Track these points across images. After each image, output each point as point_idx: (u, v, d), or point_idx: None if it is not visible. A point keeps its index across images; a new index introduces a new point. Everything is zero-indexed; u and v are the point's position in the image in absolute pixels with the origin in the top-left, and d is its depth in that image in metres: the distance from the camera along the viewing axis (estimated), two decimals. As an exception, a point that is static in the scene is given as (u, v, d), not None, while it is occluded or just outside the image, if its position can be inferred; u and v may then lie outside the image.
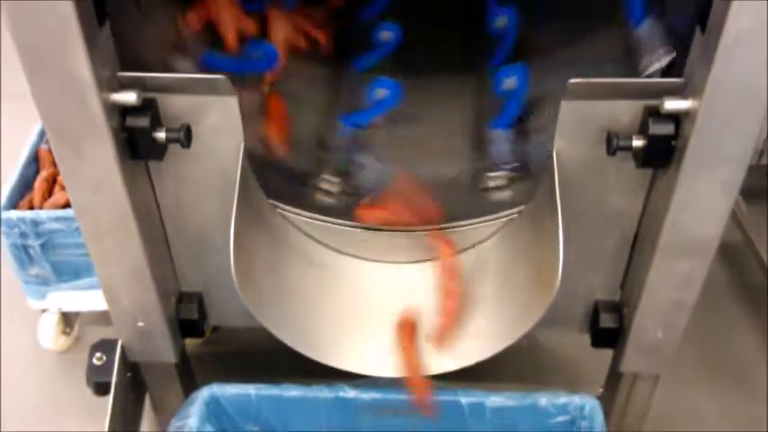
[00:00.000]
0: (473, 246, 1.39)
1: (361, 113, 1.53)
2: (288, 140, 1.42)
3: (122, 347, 1.34)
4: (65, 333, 1.84)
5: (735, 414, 1.71)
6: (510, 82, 1.49)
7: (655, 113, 1.05)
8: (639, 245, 1.24)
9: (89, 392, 1.37)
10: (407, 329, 1.30)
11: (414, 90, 1.54)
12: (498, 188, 1.44)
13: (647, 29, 1.22)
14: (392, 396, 1.31)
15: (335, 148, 1.51)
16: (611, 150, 1.08)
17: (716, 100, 0.99)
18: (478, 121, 1.56)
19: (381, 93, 1.51)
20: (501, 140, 1.48)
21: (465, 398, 1.30)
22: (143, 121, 1.06)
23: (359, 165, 1.48)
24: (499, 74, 1.51)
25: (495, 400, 1.30)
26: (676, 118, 1.05)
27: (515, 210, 1.36)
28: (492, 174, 1.45)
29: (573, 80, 1.06)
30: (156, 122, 1.09)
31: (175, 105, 1.10)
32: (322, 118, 1.56)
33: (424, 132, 1.52)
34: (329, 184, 1.44)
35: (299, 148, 1.47)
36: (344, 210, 1.39)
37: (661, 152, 1.07)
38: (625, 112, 1.09)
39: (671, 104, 1.03)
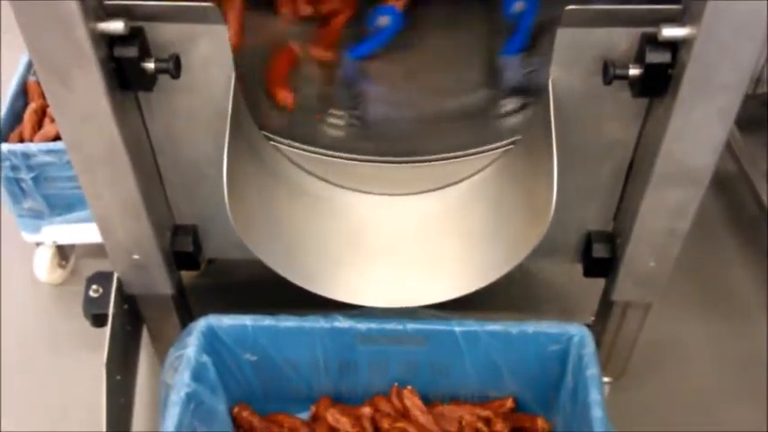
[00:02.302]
0: (468, 176, 1.39)
1: (364, 44, 1.47)
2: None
3: (119, 280, 1.35)
4: (61, 266, 1.85)
5: (723, 341, 1.74)
6: (520, 4, 1.43)
7: (652, 41, 1.04)
8: (634, 175, 1.24)
9: (86, 324, 1.38)
10: None
11: (418, 16, 1.48)
12: (509, 114, 1.40)
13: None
14: (387, 326, 1.32)
15: (340, 80, 1.47)
16: (608, 79, 1.07)
17: (714, 27, 0.97)
18: (487, 47, 1.50)
19: (384, 20, 1.46)
20: (511, 67, 1.43)
21: (459, 327, 1.32)
22: (131, 51, 1.04)
23: (364, 96, 1.45)
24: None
25: (489, 329, 1.32)
26: (673, 46, 1.03)
27: (510, 140, 1.35)
28: (504, 101, 1.42)
29: (569, 7, 1.04)
30: (145, 52, 1.07)
31: (164, 34, 1.08)
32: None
33: (428, 60, 1.47)
34: (336, 118, 1.41)
35: (302, 83, 1.43)
36: (339, 141, 1.38)
37: (658, 81, 1.06)
38: (622, 39, 1.07)
39: (668, 32, 1.02)
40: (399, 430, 1.34)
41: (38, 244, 1.80)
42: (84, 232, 1.72)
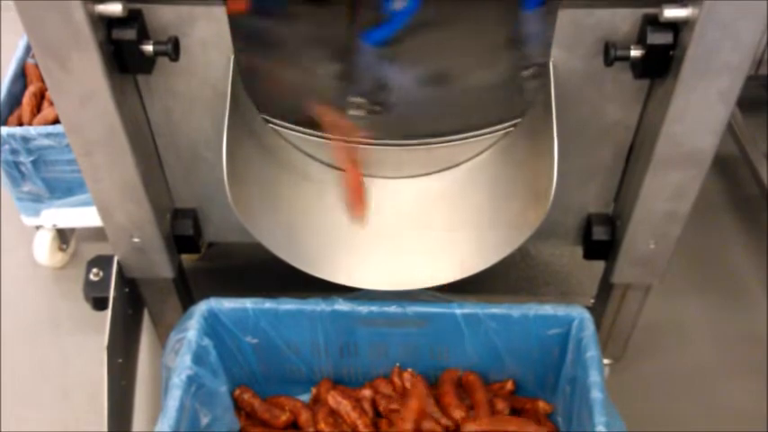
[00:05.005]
0: (469, 159, 1.39)
1: (382, 28, 1.44)
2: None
3: (119, 263, 1.35)
4: (61, 249, 1.85)
5: (723, 322, 1.75)
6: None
7: (653, 22, 1.03)
8: (634, 157, 1.24)
9: (87, 307, 1.39)
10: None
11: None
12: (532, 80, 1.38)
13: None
14: (387, 308, 1.33)
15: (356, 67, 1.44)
16: (609, 61, 1.07)
17: (716, 7, 0.96)
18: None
19: (399, 3, 1.42)
20: (533, 26, 1.40)
21: (460, 310, 1.32)
22: (129, 33, 1.04)
23: (383, 80, 1.43)
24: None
25: (490, 311, 1.32)
26: (675, 27, 1.03)
27: (511, 123, 1.35)
28: (526, 71, 1.39)
29: (571, -12, 1.04)
30: (143, 34, 1.06)
31: (162, 16, 1.08)
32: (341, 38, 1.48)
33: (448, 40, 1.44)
34: (357, 105, 1.39)
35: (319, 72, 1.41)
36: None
37: (659, 62, 1.06)
38: (623, 20, 1.07)
39: (670, 12, 1.01)
40: (393, 412, 1.34)
41: (38, 227, 1.80)
42: (84, 216, 1.72)
